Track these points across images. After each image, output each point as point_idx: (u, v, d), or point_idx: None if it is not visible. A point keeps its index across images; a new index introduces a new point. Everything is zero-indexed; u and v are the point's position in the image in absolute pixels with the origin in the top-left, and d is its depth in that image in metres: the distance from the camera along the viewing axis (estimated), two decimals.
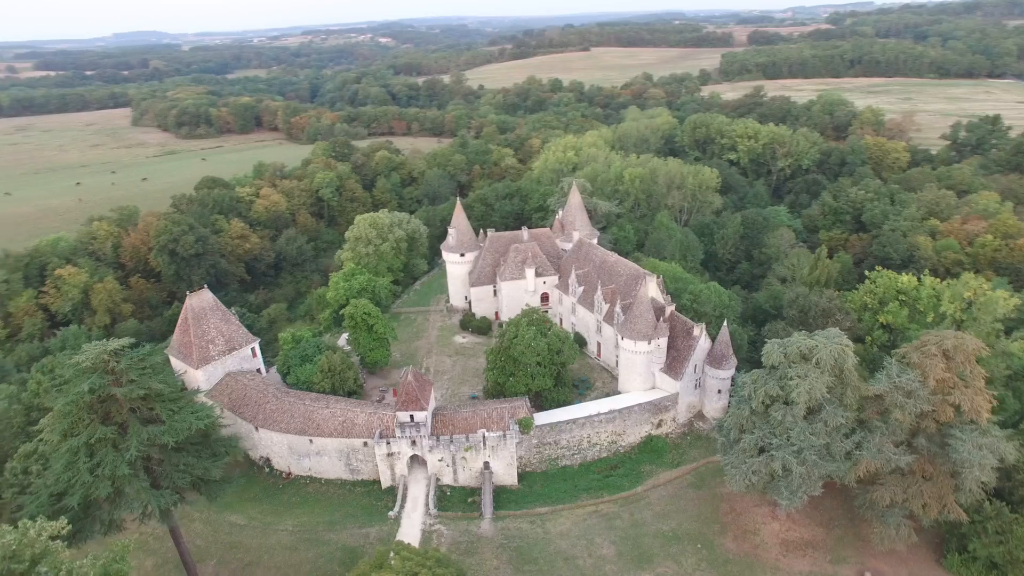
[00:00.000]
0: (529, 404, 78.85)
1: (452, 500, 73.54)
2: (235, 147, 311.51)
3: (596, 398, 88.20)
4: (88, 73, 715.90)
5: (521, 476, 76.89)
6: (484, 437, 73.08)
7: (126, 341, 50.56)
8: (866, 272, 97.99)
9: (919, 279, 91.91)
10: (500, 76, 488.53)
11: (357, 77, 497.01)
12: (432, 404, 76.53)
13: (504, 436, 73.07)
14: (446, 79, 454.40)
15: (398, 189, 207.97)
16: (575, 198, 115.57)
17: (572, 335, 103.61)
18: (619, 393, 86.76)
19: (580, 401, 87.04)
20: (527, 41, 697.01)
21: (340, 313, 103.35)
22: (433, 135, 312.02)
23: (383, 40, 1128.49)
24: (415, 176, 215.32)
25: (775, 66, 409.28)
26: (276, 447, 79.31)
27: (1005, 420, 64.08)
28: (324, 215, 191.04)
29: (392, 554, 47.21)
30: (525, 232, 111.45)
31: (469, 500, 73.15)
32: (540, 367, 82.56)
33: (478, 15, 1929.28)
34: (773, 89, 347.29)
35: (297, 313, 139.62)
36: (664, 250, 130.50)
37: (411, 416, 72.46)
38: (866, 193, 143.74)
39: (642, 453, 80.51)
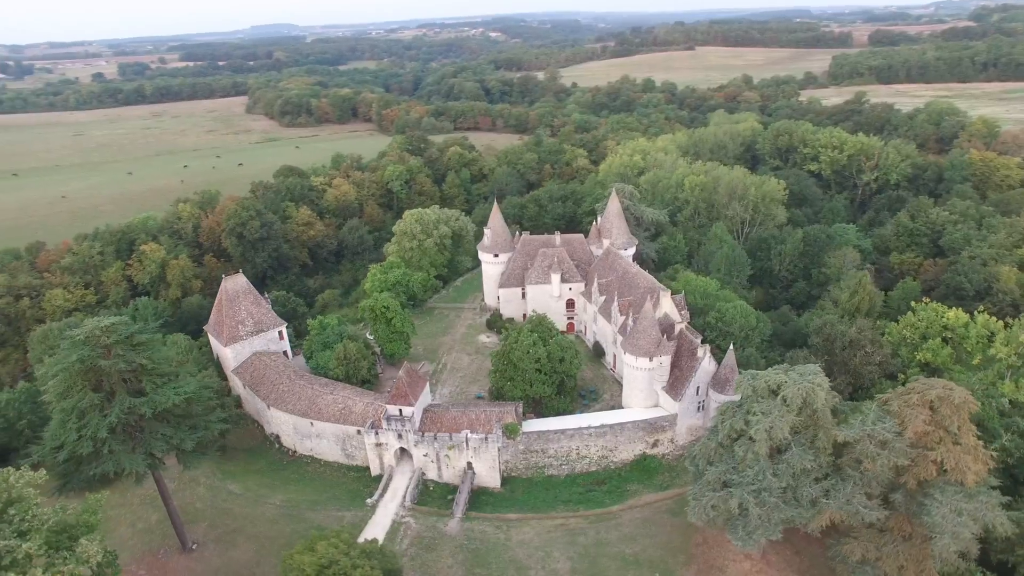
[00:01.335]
0: (520, 410, 79.35)
1: (434, 495, 75.64)
2: (329, 137, 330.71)
3: (601, 410, 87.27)
4: (221, 63, 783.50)
5: (506, 480, 77.69)
6: (467, 438, 74.50)
7: (119, 319, 56.50)
8: (912, 304, 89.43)
9: (972, 316, 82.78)
10: (599, 74, 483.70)
11: (455, 71, 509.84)
12: (424, 400, 78.80)
13: (486, 439, 74.14)
14: (540, 76, 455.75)
15: (467, 185, 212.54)
16: (613, 205, 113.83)
17: (593, 344, 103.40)
18: (622, 408, 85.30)
19: (583, 411, 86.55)
20: (630, 39, 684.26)
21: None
22: (516, 132, 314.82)
23: (493, 34, 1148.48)
24: (486, 173, 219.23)
25: (890, 69, 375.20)
26: (284, 426, 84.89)
27: None
28: (393, 207, 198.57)
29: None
30: (557, 237, 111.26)
31: (449, 497, 74.84)
32: (540, 374, 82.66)
33: (593, 10, 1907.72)
34: (885, 95, 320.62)
35: (348, 300, 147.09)
36: (711, 263, 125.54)
37: (400, 410, 75.26)
38: (950, 214, 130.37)
39: (633, 472, 78.79)
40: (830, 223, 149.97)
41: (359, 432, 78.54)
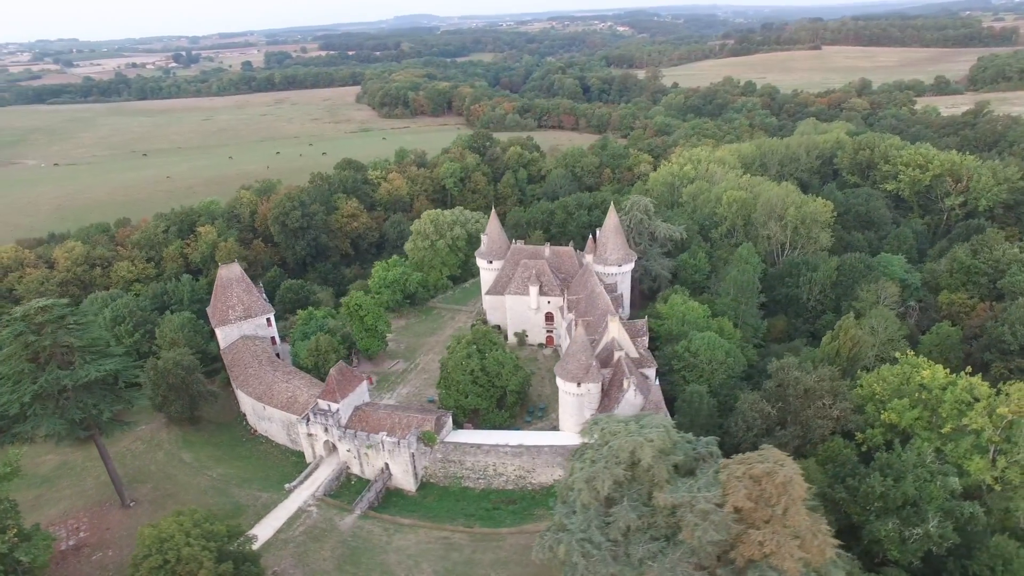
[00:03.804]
0: (444, 419, 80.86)
1: (352, 489, 79.29)
2: (418, 129, 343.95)
3: (542, 429, 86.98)
4: (350, 53, 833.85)
5: (424, 485, 79.81)
6: (382, 440, 77.33)
7: (55, 301, 64.93)
8: (897, 354, 79.59)
9: (957, 376, 72.54)
10: (710, 73, 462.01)
11: (561, 67, 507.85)
12: (357, 398, 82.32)
13: (398, 443, 76.55)
14: (640, 75, 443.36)
15: (523, 185, 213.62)
16: (611, 219, 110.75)
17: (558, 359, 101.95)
18: (557, 430, 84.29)
19: (521, 428, 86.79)
20: (751, 37, 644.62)
21: None
22: (598, 132, 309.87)
23: (621, 29, 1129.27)
24: (544, 174, 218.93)
25: None
26: (247, 406, 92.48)
27: None
28: (447, 203, 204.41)
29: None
30: (547, 248, 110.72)
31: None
32: (475, 386, 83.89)
33: (732, 4, 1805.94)
34: None
35: None
36: (721, 286, 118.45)
37: (328, 405, 79.58)
38: (1021, 252, 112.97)
39: (549, 496, 77.48)
40: (894, 251, 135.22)
41: (297, 421, 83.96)
